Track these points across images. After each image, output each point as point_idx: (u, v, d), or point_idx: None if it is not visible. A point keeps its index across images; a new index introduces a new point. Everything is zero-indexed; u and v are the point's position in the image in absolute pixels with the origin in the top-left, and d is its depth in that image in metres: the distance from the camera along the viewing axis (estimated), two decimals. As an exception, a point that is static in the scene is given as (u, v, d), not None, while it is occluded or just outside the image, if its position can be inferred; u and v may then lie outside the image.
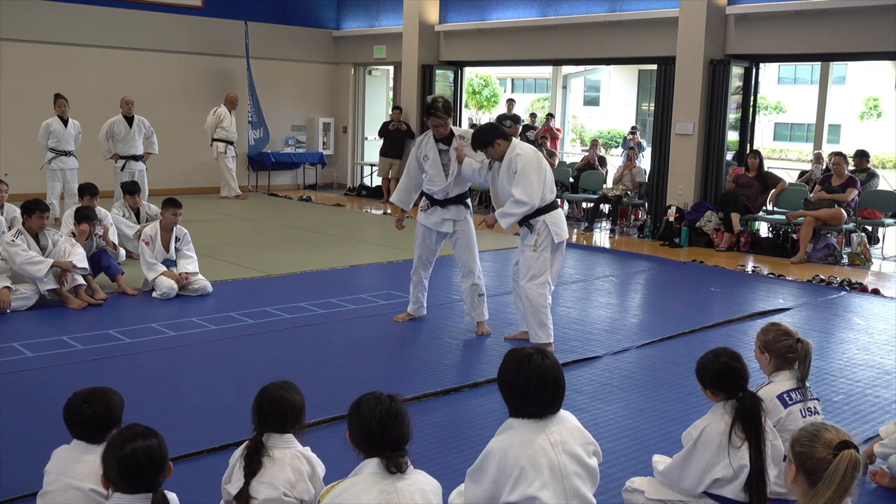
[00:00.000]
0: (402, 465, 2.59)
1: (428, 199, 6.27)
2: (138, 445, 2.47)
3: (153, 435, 2.53)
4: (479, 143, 5.68)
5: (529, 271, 5.67)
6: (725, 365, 3.28)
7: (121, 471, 2.47)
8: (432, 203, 6.23)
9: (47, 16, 13.05)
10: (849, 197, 9.90)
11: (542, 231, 5.64)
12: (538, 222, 5.65)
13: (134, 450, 2.46)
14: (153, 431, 2.55)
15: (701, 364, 3.36)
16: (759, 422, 3.19)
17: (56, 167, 10.83)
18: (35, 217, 6.68)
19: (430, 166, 6.13)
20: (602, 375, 5.39)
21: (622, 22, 12.10)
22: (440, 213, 6.19)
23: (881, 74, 33.56)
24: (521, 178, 5.52)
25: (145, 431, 2.53)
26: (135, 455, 2.46)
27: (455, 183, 6.11)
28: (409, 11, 14.41)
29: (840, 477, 2.19)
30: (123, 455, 2.46)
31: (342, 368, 5.40)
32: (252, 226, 11.44)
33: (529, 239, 5.70)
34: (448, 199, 6.16)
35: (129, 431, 2.54)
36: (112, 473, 2.49)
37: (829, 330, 6.91)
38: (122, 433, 2.55)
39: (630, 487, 3.53)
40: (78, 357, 5.44)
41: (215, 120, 13.78)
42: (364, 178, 16.58)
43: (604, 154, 14.70)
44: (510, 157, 5.59)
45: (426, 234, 6.32)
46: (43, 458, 3.07)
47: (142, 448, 2.47)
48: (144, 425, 2.57)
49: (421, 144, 6.22)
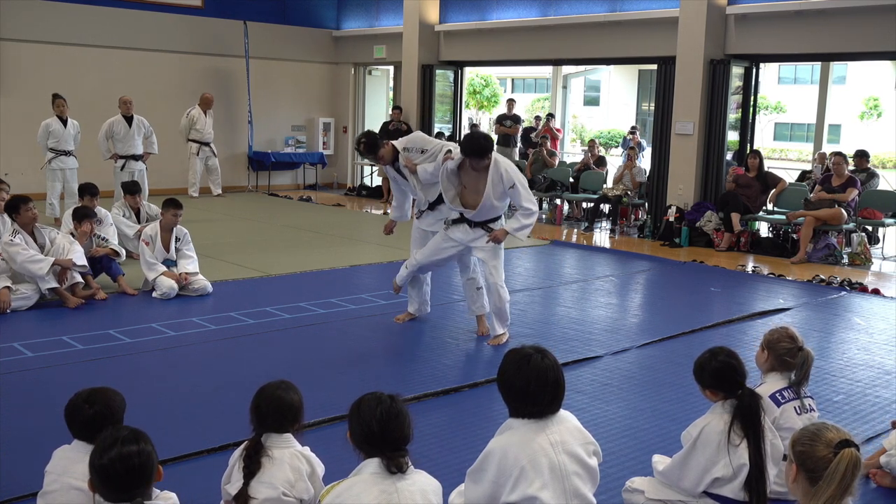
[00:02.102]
0: (403, 465, 2.59)
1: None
2: (115, 454, 2.37)
3: (135, 440, 2.42)
4: (482, 150, 5.68)
5: (501, 272, 5.93)
6: (723, 363, 3.28)
7: (99, 478, 2.39)
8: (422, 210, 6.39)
9: (47, 16, 13.05)
10: (849, 197, 9.89)
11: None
12: (498, 225, 5.94)
13: (111, 458, 2.37)
14: (137, 437, 2.44)
15: (699, 364, 3.36)
16: (759, 419, 3.19)
17: (56, 167, 10.83)
18: (23, 211, 6.65)
19: (400, 185, 6.46)
20: (602, 375, 5.39)
21: (622, 22, 12.10)
22: (431, 215, 6.30)
23: (881, 74, 33.54)
24: (523, 189, 5.75)
25: (128, 436, 2.42)
26: (112, 464, 2.36)
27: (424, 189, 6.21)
28: (409, 11, 14.41)
29: (841, 476, 2.19)
30: (101, 464, 2.38)
31: (342, 368, 5.40)
32: (252, 226, 11.44)
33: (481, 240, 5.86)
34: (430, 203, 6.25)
35: (110, 437, 2.43)
36: (95, 479, 2.42)
37: (829, 330, 6.91)
38: (104, 438, 2.44)
39: (630, 487, 3.53)
40: (78, 357, 5.43)
41: (188, 122, 13.72)
42: (364, 178, 16.58)
43: (603, 154, 14.70)
44: (499, 172, 5.69)
45: (423, 237, 6.38)
46: (43, 458, 3.07)
47: (118, 456, 2.36)
48: (132, 428, 2.49)
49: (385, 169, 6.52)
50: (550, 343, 5.87)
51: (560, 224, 12.50)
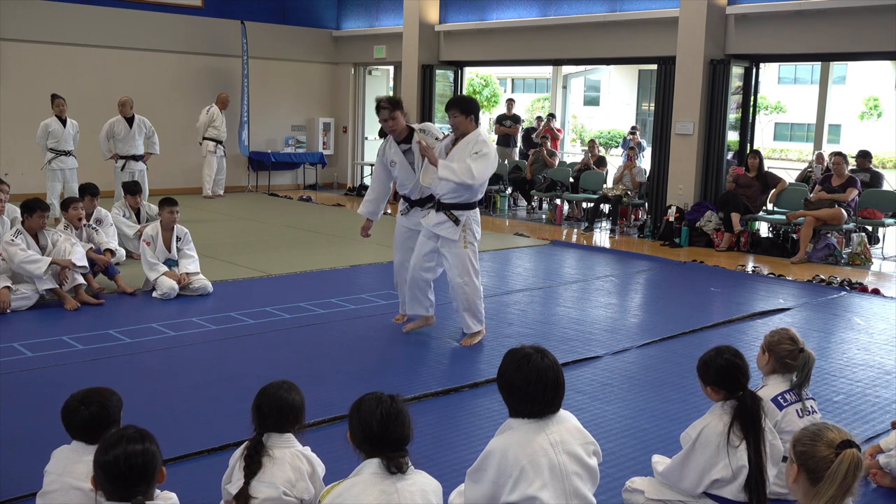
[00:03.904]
0: (403, 465, 2.59)
1: (406, 200, 6.28)
2: (119, 451, 2.37)
3: (141, 440, 2.42)
4: (464, 106, 5.72)
5: (466, 268, 5.82)
6: (729, 362, 3.27)
7: (105, 475, 2.40)
8: (411, 204, 6.25)
9: (47, 16, 13.05)
10: (849, 197, 9.89)
11: (467, 227, 5.80)
12: (464, 216, 5.79)
13: (115, 455, 2.37)
14: (143, 436, 2.45)
15: (703, 361, 3.35)
16: (759, 420, 3.18)
17: (56, 167, 10.82)
18: (35, 216, 6.68)
19: (398, 171, 6.17)
20: (602, 375, 5.39)
21: (622, 22, 12.10)
22: (419, 212, 6.19)
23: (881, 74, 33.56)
24: (483, 161, 5.61)
25: (134, 435, 2.43)
26: (116, 461, 2.37)
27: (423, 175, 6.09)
28: (409, 11, 14.41)
29: (842, 476, 2.19)
30: (105, 460, 2.39)
31: (342, 368, 5.39)
32: (252, 226, 11.43)
33: (452, 232, 5.77)
34: (423, 198, 6.16)
35: (117, 434, 2.45)
36: (98, 476, 2.43)
37: (829, 330, 6.91)
38: (110, 436, 2.46)
39: (630, 487, 3.53)
40: (78, 357, 5.43)
41: (208, 119, 13.81)
42: (364, 178, 16.58)
43: (603, 154, 14.70)
44: (476, 140, 5.67)
45: (409, 235, 6.28)
46: (43, 458, 3.07)
47: (123, 454, 2.37)
48: (138, 428, 2.49)
49: (385, 151, 6.23)
50: (550, 343, 5.88)
51: (560, 224, 12.50)
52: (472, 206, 5.85)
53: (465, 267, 5.83)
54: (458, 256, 5.82)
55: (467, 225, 5.79)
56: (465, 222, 5.78)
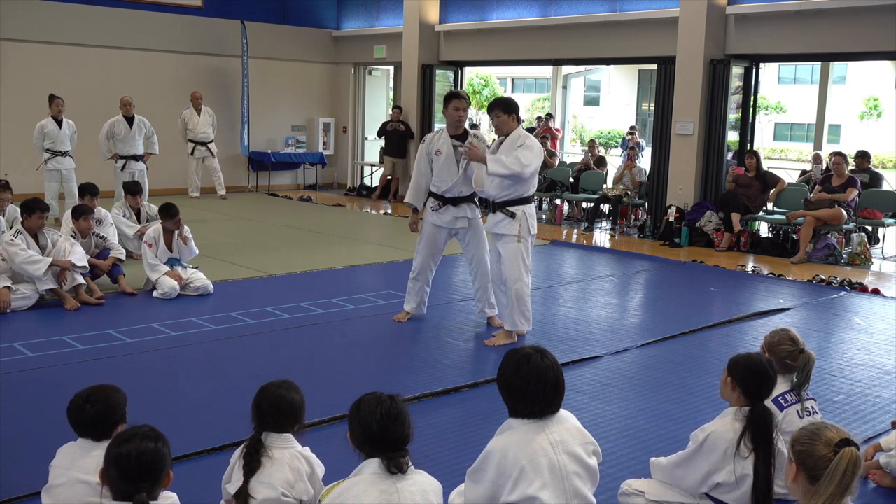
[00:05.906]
0: (403, 465, 2.59)
1: (438, 198, 6.25)
2: (132, 447, 2.41)
3: (154, 439, 2.45)
4: (507, 106, 5.80)
5: (518, 263, 5.83)
6: (765, 368, 3.23)
7: (114, 467, 2.42)
8: (444, 202, 6.22)
9: (47, 16, 13.05)
10: (849, 197, 9.89)
11: (522, 221, 5.78)
12: (519, 211, 5.78)
13: (128, 450, 2.40)
14: (157, 436, 2.47)
15: (739, 356, 3.31)
16: (770, 435, 3.15)
17: (52, 167, 10.81)
18: (35, 216, 6.69)
19: (442, 161, 6.14)
20: (602, 375, 5.39)
21: (622, 22, 12.10)
22: (453, 211, 6.20)
23: (881, 74, 33.55)
24: (528, 151, 5.67)
25: (148, 433, 2.47)
26: (127, 455, 2.39)
27: (464, 180, 6.12)
28: (409, 11, 14.41)
29: (840, 475, 2.19)
30: (118, 453, 2.42)
31: (342, 368, 5.40)
32: (252, 226, 11.44)
33: (510, 227, 5.77)
34: (460, 197, 6.17)
35: (132, 430, 2.49)
36: (109, 469, 2.45)
37: (829, 330, 6.91)
38: (125, 431, 2.51)
39: (628, 490, 3.47)
40: (78, 357, 5.43)
41: (182, 124, 13.75)
42: (364, 178, 16.58)
43: (603, 154, 14.70)
44: (519, 135, 5.76)
45: (437, 233, 6.30)
46: (43, 457, 3.08)
47: (135, 450, 2.40)
48: (153, 428, 2.51)
49: (433, 140, 6.24)
50: (550, 343, 5.89)
51: (560, 224, 12.50)
52: (526, 200, 5.86)
53: (517, 262, 5.83)
54: (511, 251, 5.82)
55: (523, 219, 5.79)
56: (520, 217, 5.79)
